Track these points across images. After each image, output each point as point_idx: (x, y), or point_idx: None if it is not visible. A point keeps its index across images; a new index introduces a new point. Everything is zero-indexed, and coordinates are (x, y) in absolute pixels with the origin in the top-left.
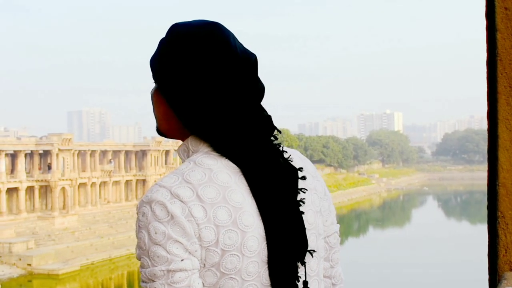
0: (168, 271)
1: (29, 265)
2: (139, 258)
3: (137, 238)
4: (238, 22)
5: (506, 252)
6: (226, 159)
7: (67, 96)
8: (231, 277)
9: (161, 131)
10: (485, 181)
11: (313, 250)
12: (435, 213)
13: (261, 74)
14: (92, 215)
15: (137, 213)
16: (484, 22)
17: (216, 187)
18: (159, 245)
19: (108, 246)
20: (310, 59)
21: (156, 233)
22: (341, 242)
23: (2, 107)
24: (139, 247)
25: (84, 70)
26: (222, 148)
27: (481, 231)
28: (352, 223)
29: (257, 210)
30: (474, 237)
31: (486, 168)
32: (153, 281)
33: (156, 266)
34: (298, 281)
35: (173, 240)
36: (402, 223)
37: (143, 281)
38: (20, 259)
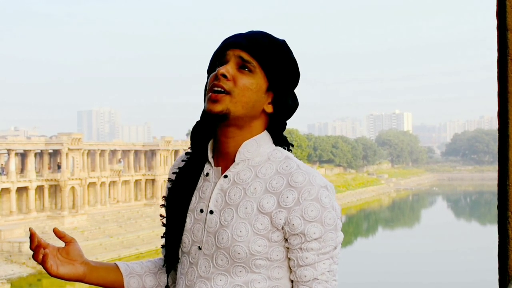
0: (342, 238)
1: (39, 264)
2: (320, 236)
3: (319, 217)
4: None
5: None
6: None
7: (77, 95)
8: None
9: (229, 111)
10: (495, 182)
11: None
12: (445, 213)
13: None
14: (101, 214)
15: (314, 198)
16: (495, 21)
17: None
18: (339, 218)
19: (117, 245)
20: (319, 59)
21: (339, 208)
22: (350, 242)
23: (13, 107)
24: (326, 224)
25: (93, 71)
26: (287, 145)
27: (491, 231)
28: (361, 223)
29: None
30: (484, 237)
31: (496, 169)
32: (336, 248)
33: (340, 235)
34: None
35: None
36: (411, 223)
37: (318, 254)
38: (29, 259)
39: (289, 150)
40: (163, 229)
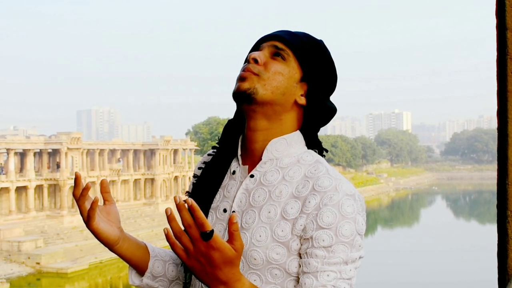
0: (360, 257)
1: (38, 263)
2: (329, 245)
3: (334, 225)
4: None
5: None
6: None
7: (76, 95)
8: None
9: (259, 95)
10: (494, 181)
11: None
12: (444, 212)
13: None
14: None
15: (335, 204)
16: (494, 20)
17: None
18: (360, 234)
19: None
20: None
21: (362, 224)
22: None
23: (13, 106)
24: (339, 234)
25: (93, 71)
26: (320, 150)
27: (490, 230)
28: None
29: None
30: (483, 237)
31: (495, 168)
32: (346, 264)
33: (355, 252)
34: None
35: (364, 231)
36: (410, 223)
37: (326, 264)
38: (29, 258)
39: (322, 155)
40: (163, 229)
